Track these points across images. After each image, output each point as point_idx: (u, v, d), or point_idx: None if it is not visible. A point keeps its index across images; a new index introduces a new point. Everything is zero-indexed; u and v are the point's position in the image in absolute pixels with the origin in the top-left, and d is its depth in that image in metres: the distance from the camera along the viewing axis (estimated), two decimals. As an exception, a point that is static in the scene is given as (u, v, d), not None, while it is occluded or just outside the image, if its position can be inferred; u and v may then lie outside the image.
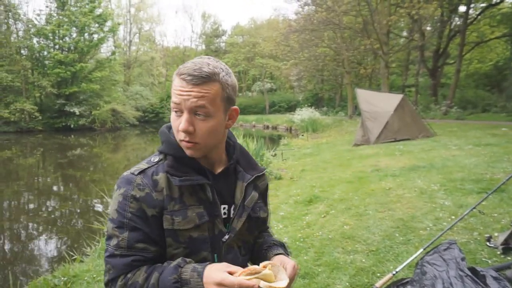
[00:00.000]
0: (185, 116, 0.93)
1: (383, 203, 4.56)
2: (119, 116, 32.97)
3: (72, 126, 29.48)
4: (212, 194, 1.00)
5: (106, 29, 33.25)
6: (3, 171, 13.72)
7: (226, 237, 1.03)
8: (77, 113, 29.48)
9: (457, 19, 24.03)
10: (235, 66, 45.46)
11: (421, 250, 2.50)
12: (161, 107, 41.82)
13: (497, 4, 23.25)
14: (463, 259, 2.26)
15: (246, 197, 1.07)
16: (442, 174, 5.69)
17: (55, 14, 31.40)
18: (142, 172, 0.98)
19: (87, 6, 31.35)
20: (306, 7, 23.33)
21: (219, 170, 1.06)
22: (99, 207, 8.51)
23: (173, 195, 0.97)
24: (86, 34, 32.00)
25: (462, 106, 20.51)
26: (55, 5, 31.33)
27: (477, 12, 23.97)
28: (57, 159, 16.69)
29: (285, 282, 0.87)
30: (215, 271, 0.86)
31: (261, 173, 1.14)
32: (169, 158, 1.01)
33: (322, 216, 4.53)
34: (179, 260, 0.93)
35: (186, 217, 0.96)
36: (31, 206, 8.89)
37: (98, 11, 32.44)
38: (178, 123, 0.94)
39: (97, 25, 32.29)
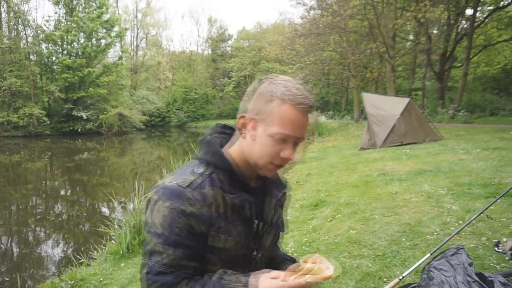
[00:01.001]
0: (291, 146, 0.92)
1: (389, 208, 4.53)
2: (125, 120, 33.24)
3: (79, 130, 29.79)
4: (251, 211, 0.99)
5: (113, 34, 33.64)
6: (12, 175, 13.88)
7: (255, 253, 1.03)
8: (85, 117, 29.80)
9: (464, 22, 23.88)
10: (241, 70, 45.63)
11: (428, 255, 2.48)
12: (167, 111, 42.08)
13: (504, 7, 23.08)
14: (470, 264, 2.23)
15: (275, 214, 1.07)
16: (449, 179, 5.64)
17: (63, 20, 31.87)
18: (191, 184, 0.92)
19: (95, 12, 31.76)
20: (312, 11, 23.41)
21: (253, 184, 1.03)
22: (105, 211, 8.57)
23: (219, 211, 0.93)
24: (93, 40, 32.39)
25: (470, 110, 20.34)
26: (64, 11, 31.80)
27: (484, 15, 23.83)
28: (65, 163, 16.85)
29: (331, 269, 0.88)
30: (262, 280, 0.87)
31: (285, 191, 1.12)
32: (218, 172, 0.96)
33: (328, 220, 4.52)
34: (219, 272, 0.92)
35: (230, 235, 0.95)
36: (39, 209, 8.98)
37: (106, 17, 32.84)
38: (278, 151, 0.91)
39: (104, 30, 32.69)
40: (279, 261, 1.17)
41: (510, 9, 24.23)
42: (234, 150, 0.99)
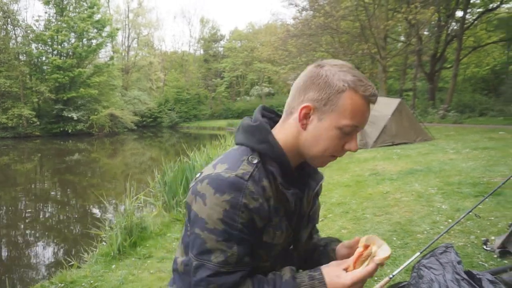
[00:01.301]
0: (356, 137, 0.89)
1: (380, 207, 4.56)
2: (117, 121, 33.01)
3: (70, 131, 29.48)
4: (296, 206, 0.95)
5: (104, 34, 33.40)
6: (0, 176, 13.69)
7: (292, 247, 1.02)
8: (75, 118, 29.51)
9: (454, 24, 24.17)
10: (233, 70, 45.60)
11: (418, 253, 2.51)
12: (159, 111, 41.86)
13: (493, 9, 23.45)
14: (459, 262, 2.26)
15: (313, 206, 1.05)
16: (440, 178, 5.70)
17: (53, 20, 31.55)
18: (251, 177, 0.85)
19: (85, 12, 31.50)
20: (304, 12, 23.49)
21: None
22: (96, 212, 8.49)
23: (275, 205, 0.89)
24: (84, 40, 32.11)
25: (460, 110, 20.61)
26: (54, 11, 31.47)
27: (474, 17, 24.16)
28: (55, 165, 16.67)
29: (387, 248, 0.88)
30: (336, 274, 0.85)
31: (322, 182, 1.06)
32: (272, 163, 0.89)
33: (320, 220, 4.52)
34: (288, 269, 0.89)
35: (282, 231, 0.92)
36: (29, 212, 8.86)
37: (97, 17, 32.58)
38: (343, 143, 0.88)
39: (95, 30, 32.43)
40: (324, 244, 1.15)
41: (499, 11, 24.63)
42: (285, 139, 0.92)
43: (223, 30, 69.69)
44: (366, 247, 0.88)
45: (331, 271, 0.86)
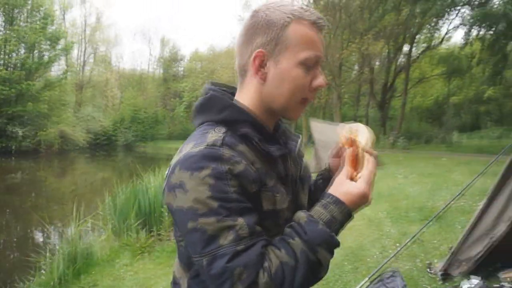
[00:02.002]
0: (319, 70, 0.82)
1: (333, 231, 4.65)
2: (67, 138, 31.36)
3: (13, 148, 27.47)
4: (284, 167, 0.86)
5: (58, 47, 32.07)
6: None
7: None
8: (20, 134, 27.61)
9: (402, 56, 26.07)
10: (193, 91, 45.42)
11: (366, 279, 2.57)
12: (114, 130, 40.38)
13: (435, 46, 25.67)
14: (404, 287, 2.34)
15: (300, 167, 0.95)
16: (389, 202, 5.96)
17: (1, 29, 29.88)
18: (223, 143, 0.75)
19: (38, 23, 30.16)
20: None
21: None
22: (38, 237, 7.89)
23: (263, 169, 0.79)
24: (36, 52, 30.61)
25: (408, 137, 21.85)
26: (2, 19, 29.86)
27: (419, 52, 26.23)
28: (-6, 184, 15.39)
29: (364, 128, 0.86)
30: (345, 189, 0.76)
31: (300, 140, 0.99)
32: (244, 126, 0.80)
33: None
34: (300, 212, 0.77)
35: (282, 193, 0.81)
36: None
37: (51, 29, 31.31)
38: (309, 80, 0.81)
39: (49, 43, 31.07)
40: (322, 179, 1.05)
41: (440, 48, 26.95)
42: (249, 101, 0.84)
43: (184, 51, 69.83)
44: (352, 142, 0.82)
45: (339, 189, 0.77)
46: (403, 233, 4.31)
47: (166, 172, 0.81)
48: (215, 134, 0.77)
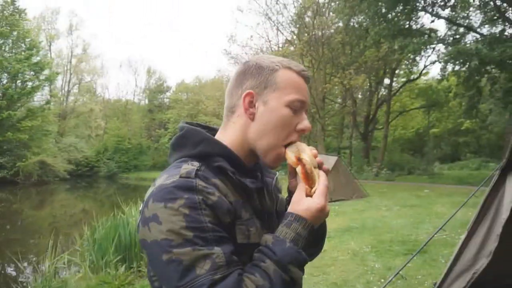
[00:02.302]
0: (305, 115, 0.86)
1: (318, 266, 4.58)
2: (48, 169, 30.53)
3: (-11, 178, 26.58)
4: (259, 201, 0.87)
5: (42, 77, 31.88)
6: None
7: None
8: (-2, 164, 26.83)
9: (383, 89, 26.95)
10: (178, 122, 45.36)
11: (351, 318, 2.52)
12: (96, 160, 39.69)
13: (414, 80, 26.68)
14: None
15: (276, 202, 0.97)
16: (373, 235, 5.94)
17: (-16, 59, 29.63)
18: (197, 174, 0.75)
19: (23, 53, 30.10)
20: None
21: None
22: (11, 274, 7.50)
23: (238, 201, 0.79)
24: (18, 81, 30.33)
25: (391, 168, 22.20)
26: (-13, 50, 29.71)
27: (399, 85, 27.21)
28: (-34, 216, 14.72)
29: (305, 146, 0.86)
30: (305, 205, 0.78)
31: (276, 176, 1.01)
32: (218, 159, 0.81)
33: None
34: (265, 235, 0.77)
35: (257, 227, 0.81)
36: None
37: (36, 59, 31.25)
38: (295, 122, 0.84)
39: (32, 72, 30.88)
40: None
41: (419, 82, 28.03)
42: (231, 139, 0.86)
43: (170, 81, 70.41)
44: (299, 161, 0.83)
45: (299, 206, 0.78)
46: (388, 268, 4.28)
47: (140, 208, 0.80)
48: (189, 167, 0.78)
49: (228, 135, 0.87)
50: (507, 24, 15.72)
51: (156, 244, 0.71)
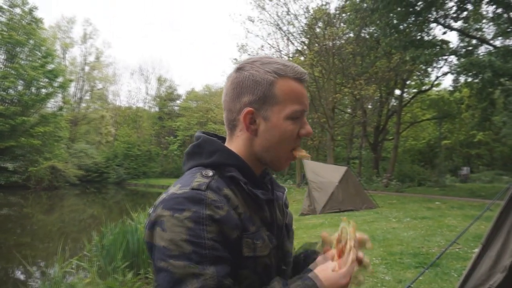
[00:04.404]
0: (305, 119, 0.87)
1: (327, 277, 4.51)
2: (58, 174, 30.90)
3: (2, 183, 26.96)
4: (270, 213, 0.88)
5: (56, 84, 32.49)
6: None
7: (285, 267, 0.91)
8: (10, 169, 27.21)
9: (393, 100, 26.77)
10: (187, 129, 45.77)
11: (361, 331, 2.46)
12: (106, 166, 40.05)
13: (426, 91, 26.46)
14: None
15: (286, 216, 0.98)
16: (383, 247, 5.84)
17: (1, 66, 30.36)
18: (209, 186, 0.77)
19: (38, 61, 30.77)
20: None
21: None
22: (20, 277, 7.55)
23: (246, 213, 0.80)
24: (33, 88, 30.95)
25: (401, 180, 21.95)
26: (4, 57, 30.44)
27: (410, 96, 27.00)
28: (-22, 220, 14.94)
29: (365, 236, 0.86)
30: (327, 275, 0.77)
31: (286, 191, 1.04)
32: (231, 169, 0.83)
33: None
34: (277, 280, 0.78)
35: (264, 240, 0.81)
36: None
37: (50, 67, 31.89)
38: (297, 130, 0.85)
39: (46, 79, 31.52)
40: (304, 257, 1.04)
41: (430, 93, 27.80)
42: (238, 151, 0.87)
43: (180, 90, 71.12)
44: (338, 243, 0.83)
45: (321, 274, 0.78)
46: (399, 280, 4.19)
47: (149, 210, 0.82)
48: (201, 178, 0.79)
49: (234, 147, 0.88)
50: (520, 36, 15.57)
51: (157, 249, 0.73)
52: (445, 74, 24.14)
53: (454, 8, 15.45)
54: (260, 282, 0.80)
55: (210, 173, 0.81)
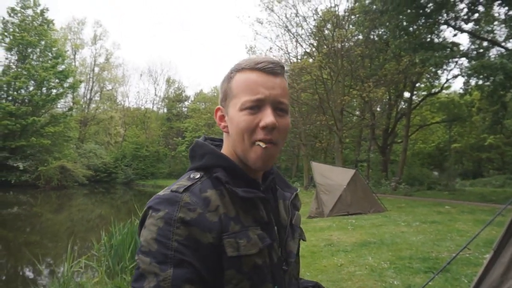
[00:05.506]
0: (268, 110, 0.81)
1: (335, 281, 4.48)
2: (67, 174, 31.21)
3: (12, 181, 27.34)
4: (266, 213, 0.86)
5: (66, 85, 32.88)
6: None
7: (286, 267, 0.88)
8: (21, 168, 27.58)
9: (402, 103, 26.55)
10: (196, 131, 45.94)
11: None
12: (115, 167, 40.37)
13: (436, 93, 26.18)
14: None
15: (292, 216, 0.97)
16: (392, 251, 5.78)
17: (14, 66, 30.83)
18: (188, 189, 0.79)
19: (49, 62, 31.18)
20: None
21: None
22: (29, 275, 7.63)
23: (229, 213, 0.80)
24: (44, 88, 31.37)
25: (410, 183, 21.72)
26: (16, 58, 30.90)
27: (420, 99, 26.74)
28: (-11, 218, 15.15)
29: None
30: None
31: (296, 192, 1.02)
32: (218, 170, 0.84)
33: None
34: None
35: (250, 239, 0.79)
36: None
37: (61, 67, 32.29)
38: (257, 121, 0.81)
39: (57, 80, 31.92)
40: None
41: (440, 96, 27.50)
42: (225, 150, 0.90)
43: (189, 91, 71.42)
44: None
45: None
46: (407, 285, 4.14)
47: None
48: (185, 181, 0.82)
49: (224, 148, 0.92)
50: (533, 38, 15.35)
51: (142, 237, 0.78)
52: (455, 76, 23.90)
53: (465, 10, 15.30)
54: (250, 283, 0.77)
55: (198, 175, 0.84)
